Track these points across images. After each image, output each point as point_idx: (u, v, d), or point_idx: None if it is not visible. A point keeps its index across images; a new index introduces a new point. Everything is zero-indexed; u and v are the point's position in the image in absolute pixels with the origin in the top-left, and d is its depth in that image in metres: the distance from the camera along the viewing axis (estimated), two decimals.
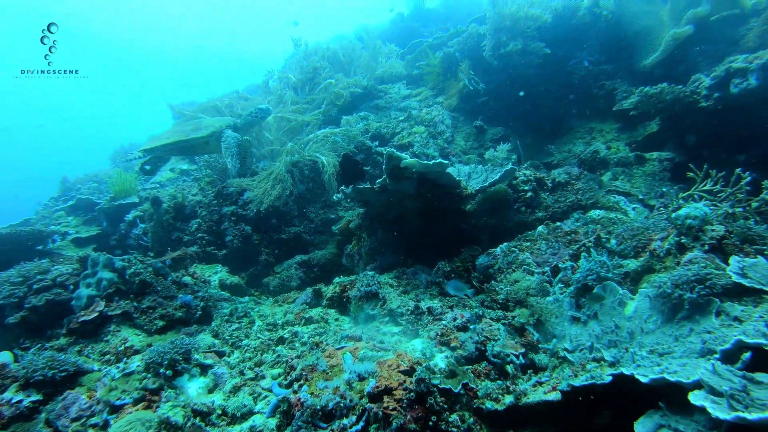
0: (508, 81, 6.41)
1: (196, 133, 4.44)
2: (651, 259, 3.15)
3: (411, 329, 3.27)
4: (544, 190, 4.65)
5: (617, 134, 5.96)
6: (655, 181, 5.24)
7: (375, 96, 7.13)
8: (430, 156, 5.60)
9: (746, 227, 3.09)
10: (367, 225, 4.44)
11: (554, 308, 3.20)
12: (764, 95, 4.72)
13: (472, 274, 3.94)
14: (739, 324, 2.46)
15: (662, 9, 6.04)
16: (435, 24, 10.28)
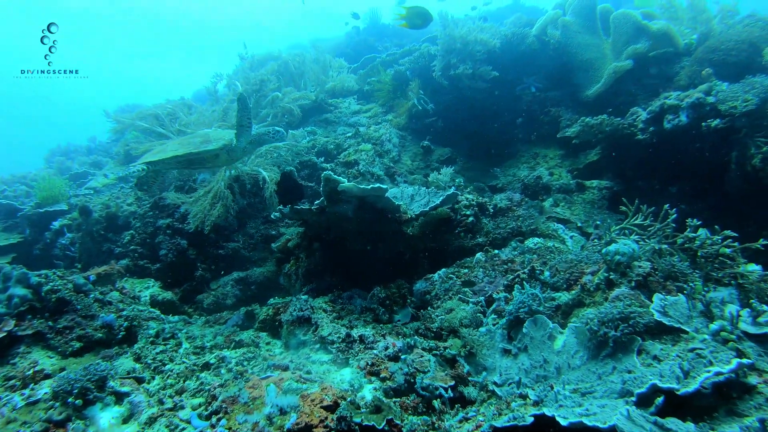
0: (456, 102, 6.48)
1: (206, 145, 4.18)
2: (582, 292, 3.20)
3: (341, 358, 3.20)
4: (486, 216, 4.68)
5: (560, 160, 6.10)
6: (593, 209, 5.37)
7: (324, 110, 7.06)
8: (375, 175, 5.57)
9: (670, 264, 3.18)
10: (306, 245, 4.36)
11: (486, 340, 3.20)
12: (693, 132, 4.92)
13: (408, 299, 3.92)
14: (658, 363, 2.51)
15: (605, 42, 6.24)
16: (390, 39, 10.33)
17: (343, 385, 2.92)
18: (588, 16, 6.36)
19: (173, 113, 5.65)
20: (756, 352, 2.52)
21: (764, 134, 4.53)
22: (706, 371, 2.16)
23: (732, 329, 2.55)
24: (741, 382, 2.25)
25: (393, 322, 3.68)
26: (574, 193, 5.55)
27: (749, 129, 4.62)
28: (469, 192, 4.83)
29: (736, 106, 4.60)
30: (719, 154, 4.92)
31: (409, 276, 4.26)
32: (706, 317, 2.71)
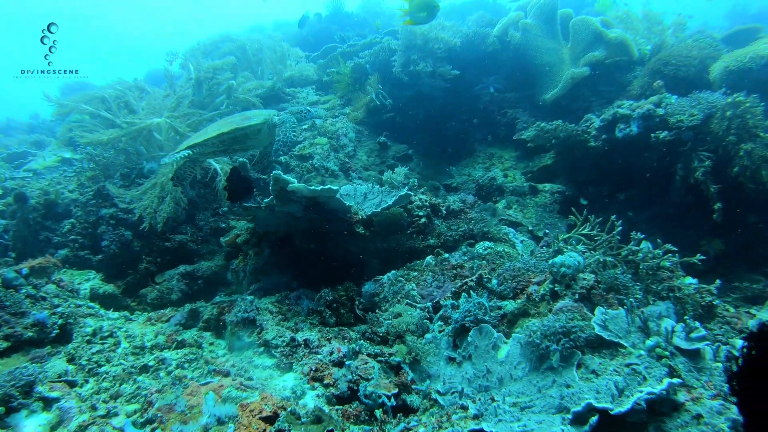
0: (415, 99, 6.44)
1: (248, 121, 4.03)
2: (527, 302, 3.23)
3: (285, 362, 3.14)
4: (438, 217, 4.68)
5: (515, 162, 6.15)
6: (545, 213, 5.45)
7: (282, 99, 6.90)
8: (330, 170, 5.48)
9: (614, 276, 3.25)
10: (255, 242, 4.25)
11: (431, 347, 3.19)
12: (642, 142, 5.03)
13: (356, 301, 3.88)
14: (596, 377, 2.56)
15: (564, 47, 6.31)
16: (353, 29, 10.15)
17: (285, 392, 2.87)
18: (548, 20, 6.40)
19: (123, 95, 5.39)
20: (687, 368, 2.60)
21: (707, 148, 4.68)
22: (639, 391, 2.21)
23: (666, 345, 2.62)
24: (671, 399, 2.31)
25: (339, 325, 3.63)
26: (527, 196, 5.61)
27: (694, 142, 4.76)
28: (422, 192, 4.81)
29: (683, 119, 4.73)
30: (666, 164, 5.05)
31: (360, 276, 4.23)
32: (643, 332, 2.77)
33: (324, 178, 5.47)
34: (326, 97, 7.17)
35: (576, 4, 11.43)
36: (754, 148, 4.27)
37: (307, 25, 9.85)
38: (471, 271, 3.76)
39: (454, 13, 12.57)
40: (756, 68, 4.74)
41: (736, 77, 4.91)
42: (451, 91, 6.40)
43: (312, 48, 9.21)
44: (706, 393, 2.35)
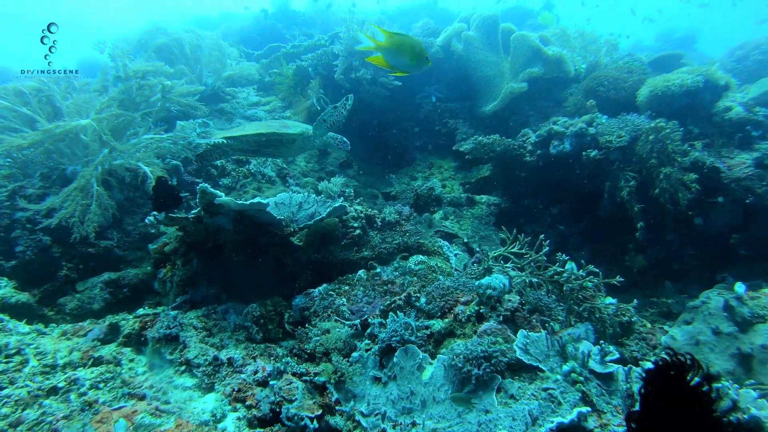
0: (356, 105, 6.39)
1: (287, 129, 4.30)
2: (454, 322, 3.27)
3: (207, 382, 3.04)
4: (374, 229, 4.67)
5: (454, 173, 6.23)
6: (481, 225, 5.54)
7: (221, 99, 6.72)
8: (266, 176, 5.38)
9: (538, 298, 3.33)
10: (183, 251, 4.11)
11: (357, 367, 3.18)
12: (574, 159, 5.20)
13: (286, 315, 3.81)
14: (514, 402, 2.61)
15: (505, 60, 6.43)
16: (299, 28, 10.02)
17: (204, 415, 2.79)
18: (490, 34, 6.51)
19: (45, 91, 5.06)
20: (599, 392, 2.69)
21: (632, 169, 4.88)
22: (550, 421, 2.26)
23: (581, 370, 2.70)
24: (581, 426, 2.38)
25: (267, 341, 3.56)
26: (464, 207, 5.69)
27: (621, 162, 4.96)
28: (359, 203, 4.79)
29: (612, 140, 4.91)
30: (595, 181, 5.24)
31: (291, 288, 4.17)
32: (561, 356, 2.86)
33: (260, 184, 5.37)
34: (267, 98, 7.04)
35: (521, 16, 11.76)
36: (672, 172, 4.49)
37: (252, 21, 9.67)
38: (402, 287, 3.77)
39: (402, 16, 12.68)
40: (678, 95, 4.97)
41: (660, 102, 5.14)
42: (392, 98, 6.41)
43: (256, 45, 9.04)
44: (613, 420, 2.44)
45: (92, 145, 4.70)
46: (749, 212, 4.68)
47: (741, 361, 3.68)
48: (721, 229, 4.91)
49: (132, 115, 4.95)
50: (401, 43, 3.44)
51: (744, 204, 4.63)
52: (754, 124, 4.96)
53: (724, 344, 3.79)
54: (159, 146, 4.96)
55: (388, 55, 3.51)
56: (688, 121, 5.19)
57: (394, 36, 3.45)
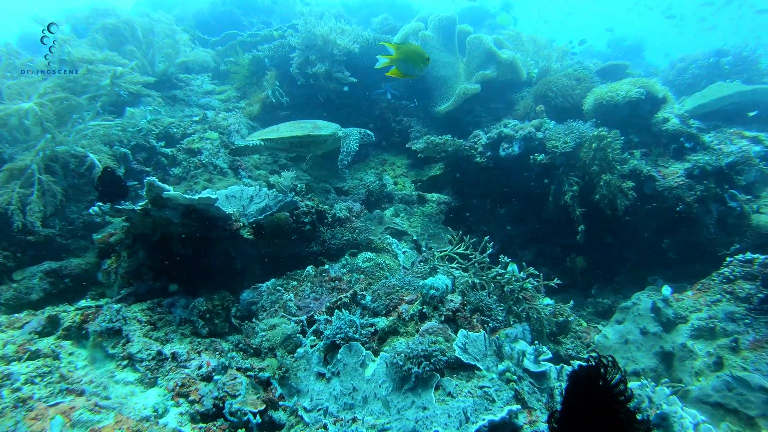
0: (312, 99, 6.41)
1: (319, 130, 4.83)
2: (398, 320, 3.36)
3: (149, 377, 3.04)
4: (324, 224, 4.71)
5: (407, 170, 6.32)
6: (431, 222, 5.66)
7: (174, 85, 6.58)
8: (218, 167, 5.33)
9: (479, 298, 3.46)
10: (129, 243, 4.04)
11: (302, 362, 3.24)
12: (522, 162, 5.37)
13: (233, 309, 3.82)
14: (451, 399, 2.73)
15: (460, 62, 6.55)
16: (258, 15, 9.86)
17: (145, 410, 2.79)
18: (447, 35, 6.61)
19: None
20: (531, 390, 2.84)
21: (576, 174, 5.09)
22: (482, 419, 2.38)
23: (515, 369, 2.84)
24: (512, 423, 2.52)
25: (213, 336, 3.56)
26: (414, 205, 5.79)
27: (565, 167, 5.16)
28: (310, 198, 4.81)
29: (558, 145, 5.10)
30: (542, 185, 5.43)
31: (240, 282, 4.17)
32: (498, 356, 2.99)
33: (212, 175, 5.31)
34: (222, 87, 6.93)
35: (479, 15, 11.93)
36: (611, 179, 4.71)
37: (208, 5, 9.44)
38: (349, 285, 3.84)
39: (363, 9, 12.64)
40: (620, 105, 5.20)
41: (604, 110, 5.37)
42: (348, 94, 6.43)
43: (213, 31, 8.86)
44: (542, 416, 2.59)
45: (34, 130, 4.55)
46: (679, 219, 4.96)
47: (663, 359, 3.93)
48: (653, 234, 5.19)
49: (78, 100, 4.79)
50: (408, 51, 4.06)
51: (675, 211, 4.90)
52: (687, 136, 5.25)
53: (650, 343, 4.04)
54: (107, 133, 4.84)
55: (401, 66, 4.11)
56: (629, 130, 5.45)
57: (401, 47, 4.08)
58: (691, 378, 3.81)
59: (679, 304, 4.24)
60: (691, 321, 4.08)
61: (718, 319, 3.99)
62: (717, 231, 4.99)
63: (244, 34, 7.64)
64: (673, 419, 2.74)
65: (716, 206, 4.91)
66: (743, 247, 4.78)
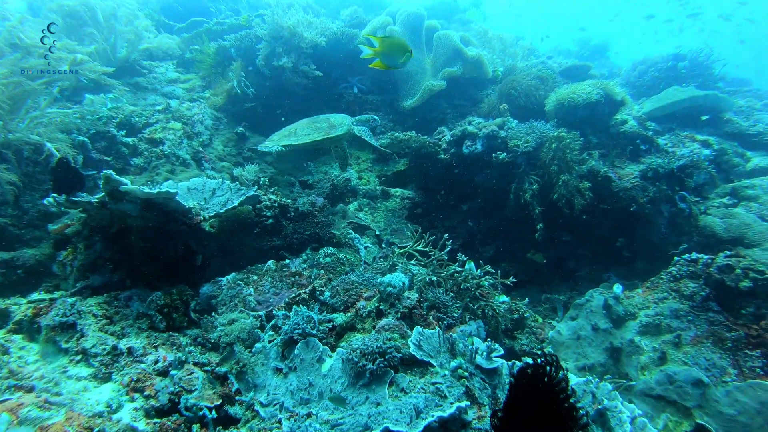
0: (278, 91, 6.36)
1: (334, 130, 4.78)
2: (355, 317, 3.41)
3: (104, 372, 3.02)
4: (286, 219, 4.72)
5: (372, 164, 6.35)
6: (394, 217, 5.71)
7: (137, 72, 6.43)
8: (180, 158, 5.27)
9: (436, 295, 3.54)
10: (86, 234, 3.97)
11: (260, 357, 3.26)
12: (485, 160, 5.46)
13: (193, 303, 3.82)
14: (404, 395, 2.79)
15: (427, 58, 6.60)
16: (226, 2, 9.68)
17: (98, 406, 2.78)
18: (415, 30, 6.65)
19: None
20: (482, 386, 2.93)
21: (536, 173, 5.21)
22: (431, 415, 2.46)
23: (467, 366, 2.93)
24: (461, 418, 2.60)
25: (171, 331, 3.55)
26: (378, 200, 5.83)
27: (526, 166, 5.27)
28: (273, 192, 4.81)
29: (519, 145, 5.21)
30: (503, 182, 5.54)
31: (201, 275, 4.16)
32: (451, 353, 3.07)
33: (174, 166, 5.25)
34: (187, 75, 6.81)
35: (449, 10, 11.96)
36: (569, 179, 4.84)
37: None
38: (309, 280, 3.87)
39: None
40: (581, 106, 5.34)
41: (565, 111, 5.49)
42: (315, 87, 6.42)
43: (179, 16, 8.68)
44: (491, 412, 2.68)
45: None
46: (632, 219, 5.14)
47: (612, 354, 4.09)
48: (608, 232, 5.36)
49: (32, 85, 4.66)
50: (392, 44, 4.11)
51: (628, 211, 5.07)
52: (643, 138, 5.43)
53: (600, 339, 4.20)
54: (64, 120, 4.73)
55: (385, 58, 4.16)
56: (588, 131, 5.60)
57: (385, 40, 4.13)
58: (637, 372, 3.98)
59: (629, 302, 4.40)
60: (640, 318, 4.25)
61: (664, 315, 4.17)
62: (668, 231, 5.19)
63: (210, 21, 7.51)
64: (612, 414, 2.87)
65: (667, 207, 5.10)
66: (691, 247, 4.99)
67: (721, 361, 3.84)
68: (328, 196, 5.66)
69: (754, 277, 4.00)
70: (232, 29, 6.91)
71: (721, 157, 5.90)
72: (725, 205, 5.41)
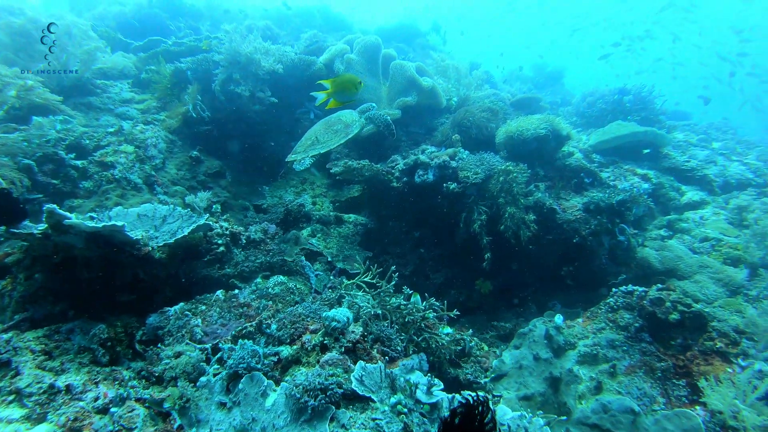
0: (235, 115, 6.39)
1: (351, 129, 5.16)
2: (301, 350, 3.46)
3: (39, 412, 2.97)
4: (238, 246, 4.74)
5: (326, 190, 6.43)
6: (346, 244, 5.79)
7: (89, 91, 6.36)
8: (132, 182, 5.23)
9: (381, 329, 3.62)
10: (28, 264, 3.91)
11: (204, 392, 3.27)
12: (437, 190, 5.60)
13: (138, 334, 3.79)
14: (345, 431, 2.86)
15: (383, 86, 6.74)
16: (186, 20, 9.66)
17: None
18: (371, 59, 6.79)
19: None
20: (420, 421, 3.02)
21: (485, 204, 5.37)
22: None
23: (406, 402, 3.02)
24: None
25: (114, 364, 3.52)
26: (332, 225, 5.90)
27: (476, 197, 5.43)
28: (225, 219, 4.84)
29: (469, 176, 5.37)
30: (454, 211, 5.68)
31: (149, 305, 4.13)
32: (391, 388, 3.16)
33: (125, 191, 5.20)
34: (142, 96, 6.76)
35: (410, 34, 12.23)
36: (515, 212, 5.03)
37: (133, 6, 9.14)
38: (257, 311, 3.90)
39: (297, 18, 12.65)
40: (529, 139, 5.56)
41: (514, 144, 5.70)
42: (271, 112, 6.47)
43: (136, 34, 8.62)
44: None
45: None
46: (575, 249, 5.36)
47: (551, 384, 4.24)
48: (554, 262, 5.57)
49: None
50: (342, 83, 4.53)
51: (572, 242, 5.29)
52: (587, 172, 5.69)
53: (541, 368, 4.35)
54: (8, 143, 4.65)
55: (338, 96, 4.61)
56: (536, 163, 5.82)
57: (336, 80, 4.55)
58: (575, 401, 4.14)
59: (570, 331, 4.59)
60: (579, 347, 4.43)
61: (601, 346, 4.36)
62: (608, 262, 5.43)
63: (168, 41, 7.48)
64: None
65: (607, 239, 5.35)
66: (629, 278, 5.24)
67: (652, 390, 4.05)
68: (282, 221, 5.70)
69: (682, 309, 4.24)
70: (190, 51, 6.91)
71: (659, 191, 6.23)
72: (662, 237, 5.72)
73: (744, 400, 3.63)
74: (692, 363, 4.10)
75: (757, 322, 4.19)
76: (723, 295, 4.89)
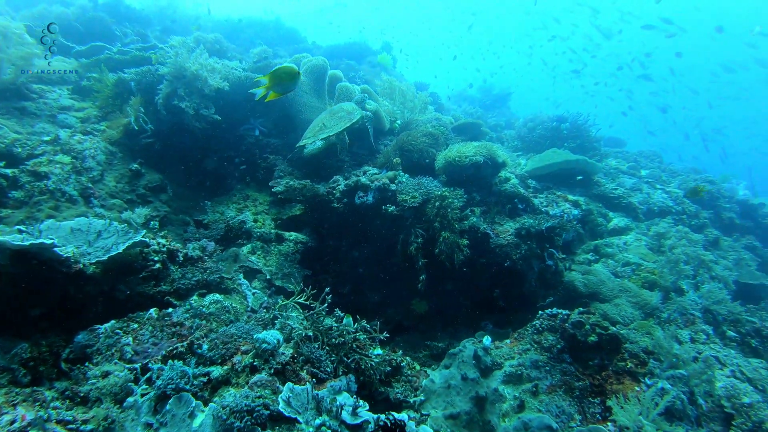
0: (178, 129, 6.36)
1: (353, 116, 5.87)
2: (231, 371, 3.52)
3: None
4: (175, 263, 4.74)
5: (268, 207, 6.47)
6: (286, 262, 5.85)
7: (24, 96, 6.18)
8: (66, 194, 5.14)
9: (311, 350, 3.72)
10: None
11: (130, 413, 3.27)
12: (376, 211, 5.76)
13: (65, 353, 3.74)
14: None
15: (328, 107, 6.87)
16: (133, 25, 9.50)
17: None
18: (318, 79, 6.92)
19: None
20: None
21: (422, 227, 5.57)
22: None
23: (331, 423, 3.13)
24: None
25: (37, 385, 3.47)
26: (272, 243, 5.95)
27: (413, 220, 5.62)
28: (162, 235, 4.82)
29: (407, 200, 5.56)
30: (392, 233, 5.86)
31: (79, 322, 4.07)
32: (317, 410, 3.26)
33: (59, 203, 5.10)
34: (83, 104, 6.62)
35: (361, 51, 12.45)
36: (449, 236, 5.24)
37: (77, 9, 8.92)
38: (190, 330, 3.93)
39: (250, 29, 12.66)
40: (467, 165, 5.80)
41: (453, 169, 5.94)
42: (216, 127, 6.48)
43: (79, 38, 8.43)
44: None
45: None
46: (507, 272, 5.62)
47: (477, 403, 4.43)
48: (487, 284, 5.81)
49: None
50: (279, 75, 4.58)
51: (504, 266, 5.55)
52: (521, 198, 5.99)
53: (468, 388, 4.54)
54: None
55: (277, 87, 4.64)
56: (473, 189, 6.08)
57: (274, 73, 4.59)
58: (499, 419, 4.34)
59: (498, 352, 4.82)
60: (505, 367, 4.66)
61: (525, 366, 4.60)
62: (537, 284, 5.72)
63: (113, 49, 7.37)
64: None
65: (537, 263, 5.64)
66: (556, 300, 5.54)
67: (570, 408, 4.30)
68: (222, 238, 5.72)
69: (599, 332, 4.54)
70: (135, 61, 6.84)
71: (588, 217, 6.61)
72: (588, 261, 6.06)
73: (647, 416, 3.92)
74: (606, 382, 4.40)
75: (663, 344, 4.53)
76: (638, 318, 5.25)
